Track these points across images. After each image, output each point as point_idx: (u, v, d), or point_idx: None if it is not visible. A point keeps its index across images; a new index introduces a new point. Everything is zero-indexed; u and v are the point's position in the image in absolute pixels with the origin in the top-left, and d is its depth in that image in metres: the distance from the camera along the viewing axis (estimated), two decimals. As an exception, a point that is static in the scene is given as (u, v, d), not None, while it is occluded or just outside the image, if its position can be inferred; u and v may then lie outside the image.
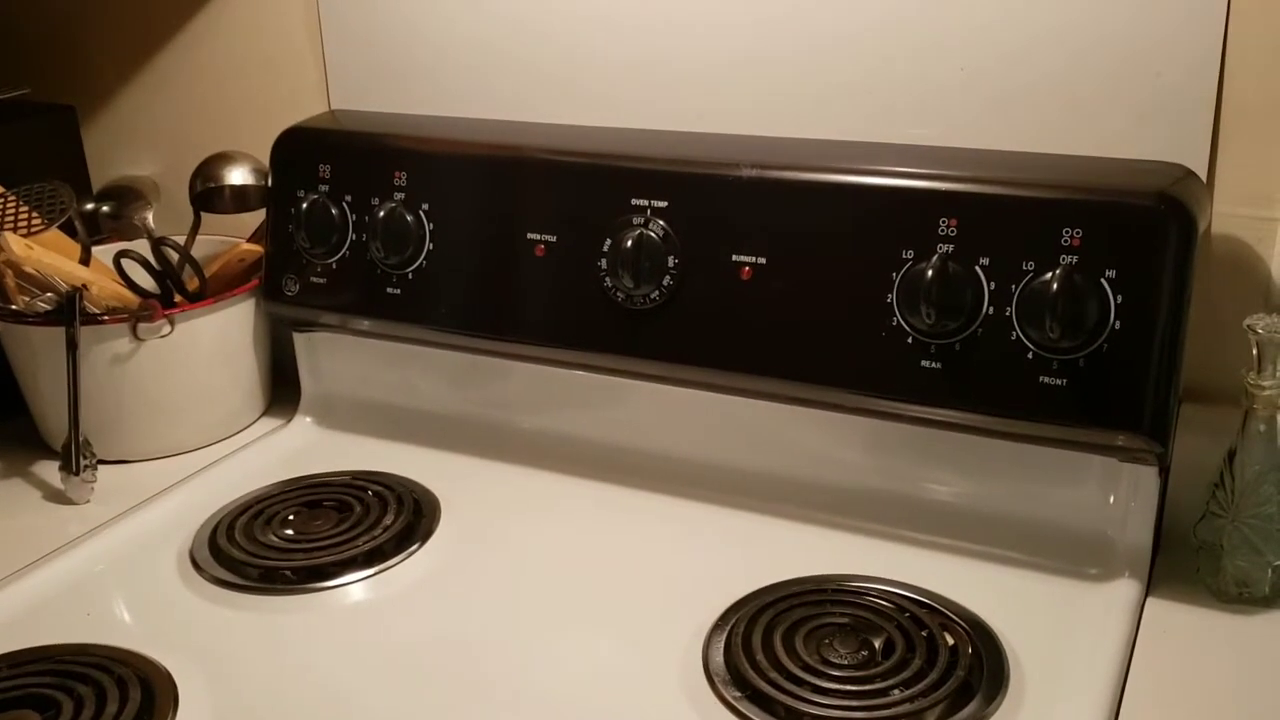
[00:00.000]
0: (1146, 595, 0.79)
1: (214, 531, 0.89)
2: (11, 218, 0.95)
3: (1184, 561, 0.80)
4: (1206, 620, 0.77)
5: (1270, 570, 0.77)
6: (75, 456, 0.94)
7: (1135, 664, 0.72)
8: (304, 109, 1.07)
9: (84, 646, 0.76)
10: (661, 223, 0.86)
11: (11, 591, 0.83)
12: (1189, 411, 0.81)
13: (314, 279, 1.00)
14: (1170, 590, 0.79)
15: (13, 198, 0.98)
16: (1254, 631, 0.76)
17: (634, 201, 0.87)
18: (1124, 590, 0.78)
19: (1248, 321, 0.73)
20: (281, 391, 1.10)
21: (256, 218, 1.07)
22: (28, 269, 0.93)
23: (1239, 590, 0.77)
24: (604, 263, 0.88)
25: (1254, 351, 0.74)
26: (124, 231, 1.14)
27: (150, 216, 1.13)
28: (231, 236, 1.09)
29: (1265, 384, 0.74)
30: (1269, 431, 0.75)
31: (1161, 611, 0.77)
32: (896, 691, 0.69)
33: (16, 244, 0.92)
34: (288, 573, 0.84)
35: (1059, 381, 0.76)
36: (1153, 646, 0.74)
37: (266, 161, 1.03)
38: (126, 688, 0.72)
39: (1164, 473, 0.79)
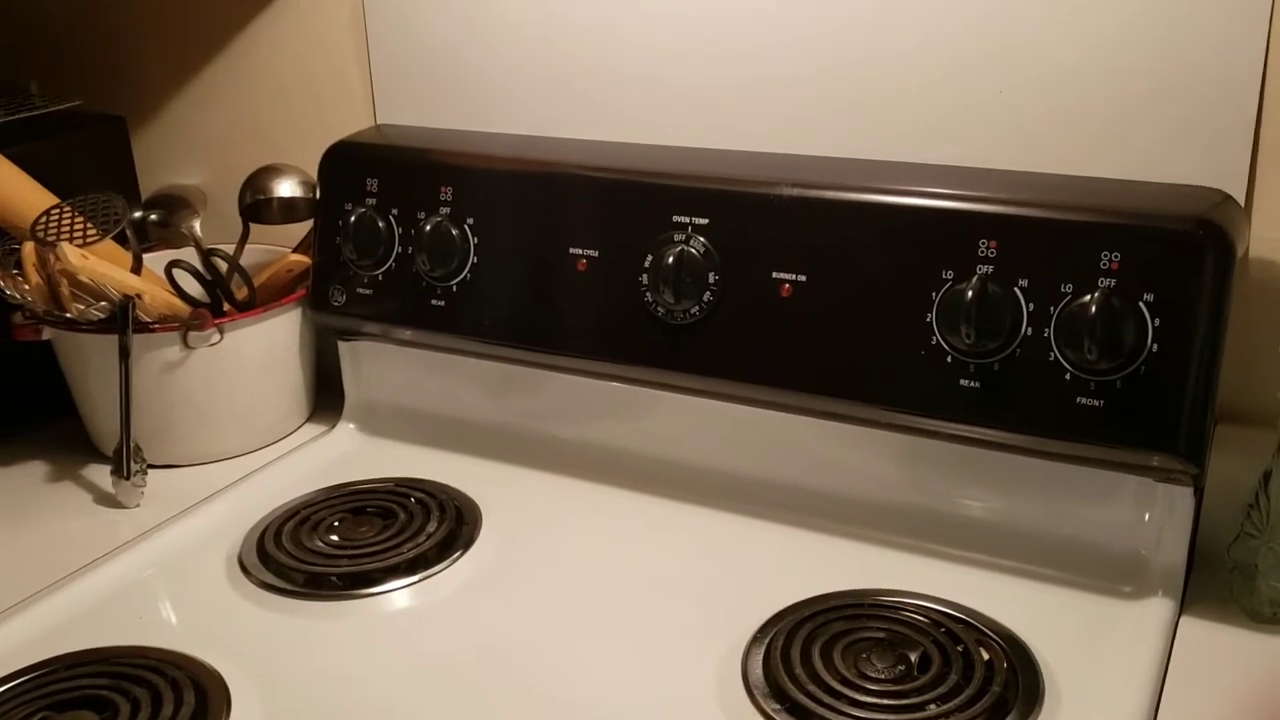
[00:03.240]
0: (1180, 615, 0.79)
1: (261, 536, 0.91)
2: (68, 228, 0.98)
3: (1217, 581, 0.81)
4: (1240, 641, 0.77)
5: (1305, 592, 0.77)
6: (126, 461, 0.96)
7: (1169, 683, 0.73)
8: (349, 123, 1.09)
9: (138, 649, 0.78)
10: (702, 239, 0.88)
11: (66, 594, 0.85)
12: (1224, 432, 0.82)
13: (360, 290, 1.01)
14: (1204, 610, 0.80)
15: (68, 208, 1.00)
16: (1288, 653, 0.76)
17: (675, 218, 0.89)
18: (1158, 609, 0.79)
19: (1284, 345, 0.74)
20: (323, 398, 1.12)
21: (303, 228, 1.09)
22: (82, 278, 0.95)
23: (1273, 611, 0.78)
24: (645, 278, 0.89)
25: (1290, 375, 0.74)
26: (171, 240, 1.16)
27: (197, 225, 1.15)
28: (278, 246, 1.11)
29: (1301, 407, 0.75)
30: (1304, 454, 0.76)
31: (1195, 631, 0.78)
32: (933, 706, 0.70)
33: (73, 254, 0.94)
34: (334, 579, 0.86)
35: (1096, 402, 0.77)
36: (1187, 666, 0.75)
37: (313, 174, 1.06)
38: (181, 690, 0.73)
39: (1198, 493, 0.79)
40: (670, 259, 0.87)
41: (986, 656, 0.74)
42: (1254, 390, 0.81)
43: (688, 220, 0.88)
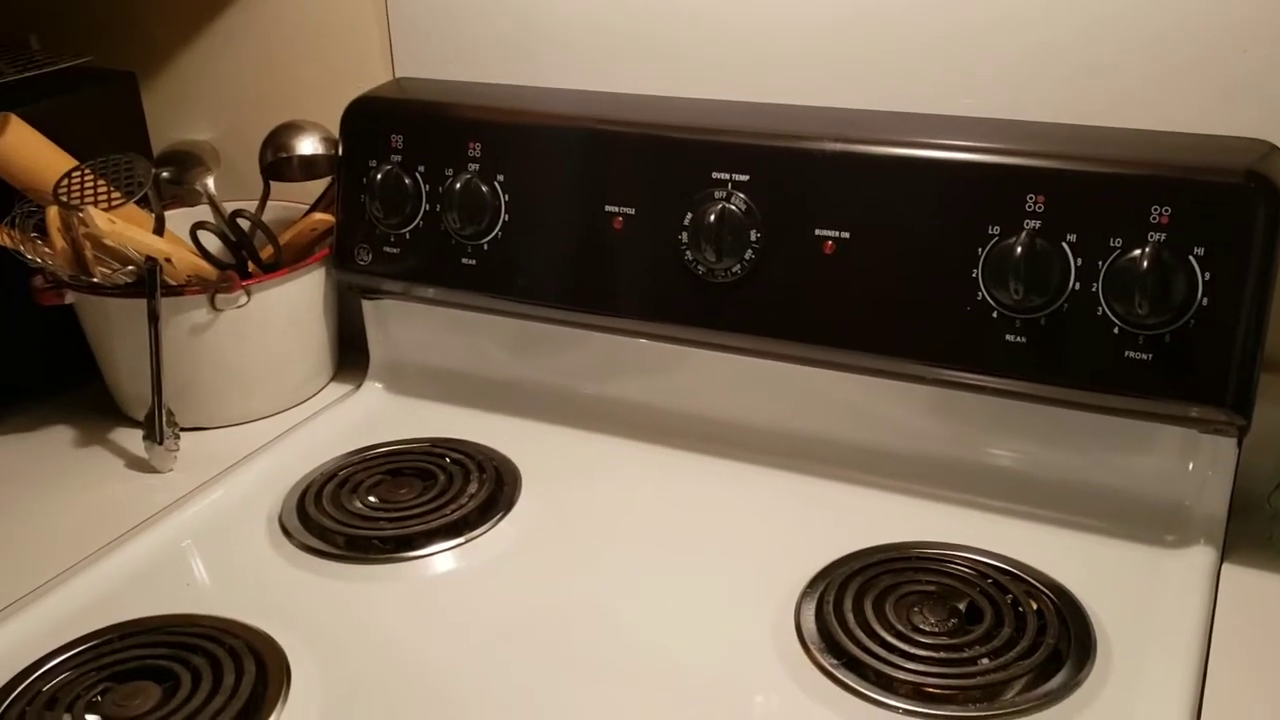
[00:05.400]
0: (1221, 562, 0.81)
1: (302, 499, 0.90)
2: (90, 191, 0.96)
3: (1254, 528, 0.82)
4: (1282, 586, 0.79)
5: (1345, 539, 0.79)
6: (159, 426, 0.95)
7: (1217, 630, 0.74)
8: (367, 76, 1.07)
9: (191, 617, 0.78)
10: (743, 196, 0.87)
11: (112, 561, 0.84)
12: (1264, 381, 0.82)
13: (387, 248, 1.00)
14: (1244, 557, 0.81)
15: (89, 170, 0.98)
16: (1329, 599, 0.78)
17: (715, 175, 0.88)
18: (1200, 557, 0.80)
19: (1330, 296, 0.74)
20: (345, 356, 1.11)
21: (319, 185, 1.08)
22: (108, 242, 0.94)
23: (1314, 557, 0.80)
24: (685, 236, 0.89)
25: (1335, 325, 0.75)
26: (184, 197, 1.14)
27: (211, 182, 1.13)
28: (294, 203, 1.10)
29: (1346, 358, 0.75)
30: (1347, 404, 0.77)
31: (1238, 578, 0.79)
32: (985, 661, 0.71)
33: (101, 218, 0.92)
34: (376, 541, 0.86)
35: (1144, 356, 0.77)
36: (1233, 613, 0.76)
37: (331, 129, 1.04)
38: (240, 659, 0.73)
39: (1240, 443, 0.80)
40: (712, 217, 0.87)
41: (1036, 607, 0.75)
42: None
43: (728, 177, 0.87)
